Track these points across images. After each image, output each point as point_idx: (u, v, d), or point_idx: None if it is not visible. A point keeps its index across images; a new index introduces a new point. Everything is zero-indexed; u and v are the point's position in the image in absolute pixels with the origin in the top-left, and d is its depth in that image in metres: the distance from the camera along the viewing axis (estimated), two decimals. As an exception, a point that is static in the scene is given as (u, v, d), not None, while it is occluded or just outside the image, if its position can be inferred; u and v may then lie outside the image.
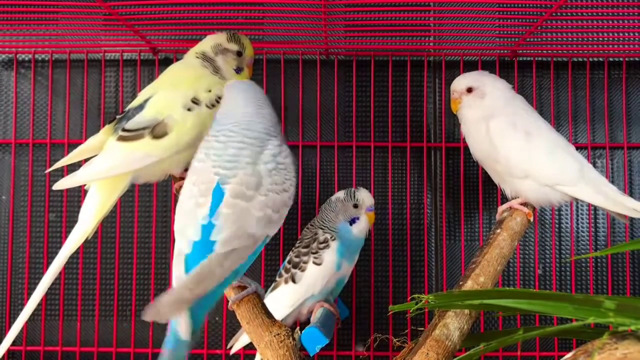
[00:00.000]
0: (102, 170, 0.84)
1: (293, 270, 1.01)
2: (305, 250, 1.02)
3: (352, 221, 1.03)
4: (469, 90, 1.00)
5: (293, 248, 1.05)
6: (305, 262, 1.01)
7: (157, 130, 0.84)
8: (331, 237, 1.01)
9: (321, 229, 1.04)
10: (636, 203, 0.93)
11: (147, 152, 0.84)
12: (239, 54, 0.96)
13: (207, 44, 0.96)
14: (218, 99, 0.88)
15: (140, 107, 0.86)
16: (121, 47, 1.21)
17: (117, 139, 0.85)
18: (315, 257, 1.00)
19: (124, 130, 0.85)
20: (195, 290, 0.67)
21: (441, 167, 1.21)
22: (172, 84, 0.89)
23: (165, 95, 0.87)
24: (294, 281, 1.00)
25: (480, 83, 1.00)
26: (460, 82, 1.02)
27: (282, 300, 1.00)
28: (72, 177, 0.85)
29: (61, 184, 0.85)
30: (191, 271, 0.69)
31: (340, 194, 1.05)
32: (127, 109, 0.90)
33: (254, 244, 0.73)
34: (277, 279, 1.03)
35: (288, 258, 1.04)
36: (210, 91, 0.89)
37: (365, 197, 1.04)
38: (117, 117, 0.89)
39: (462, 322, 0.79)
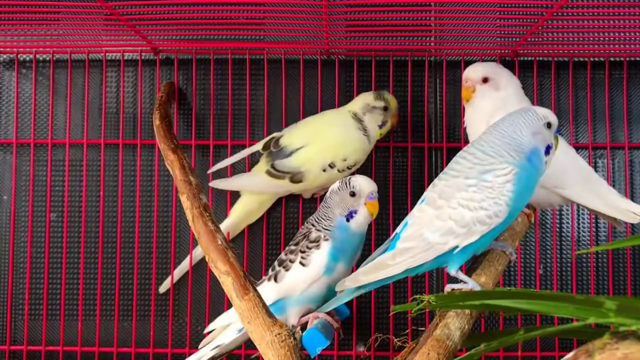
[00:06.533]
0: (246, 185, 1.14)
1: (278, 268, 0.96)
2: (294, 247, 0.96)
3: (350, 215, 0.94)
4: (485, 80, 0.99)
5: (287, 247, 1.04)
6: (292, 261, 0.94)
7: (295, 178, 1.09)
8: (324, 237, 0.93)
9: (313, 226, 0.96)
10: (636, 207, 0.93)
11: (284, 187, 1.11)
12: (385, 108, 1.11)
13: (357, 104, 1.12)
14: (349, 167, 1.10)
15: (291, 152, 1.09)
16: (122, 47, 1.21)
17: (265, 172, 1.10)
18: (302, 257, 0.93)
19: (273, 167, 1.09)
20: (367, 275, 0.81)
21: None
22: (322, 146, 1.09)
23: (311, 154, 1.08)
24: (275, 280, 0.95)
25: (497, 75, 0.99)
26: (477, 71, 0.99)
27: None
28: (226, 181, 1.14)
29: (215, 184, 1.13)
30: (373, 259, 0.84)
31: (335, 185, 0.96)
32: (282, 143, 1.11)
33: (430, 250, 0.80)
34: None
35: (280, 256, 0.99)
36: (345, 160, 1.08)
37: (363, 183, 0.94)
38: (272, 149, 1.11)
39: (463, 322, 0.79)
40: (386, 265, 0.81)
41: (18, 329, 1.21)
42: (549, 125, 0.82)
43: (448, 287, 0.84)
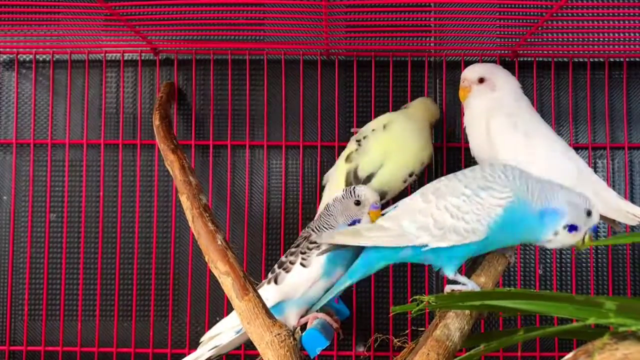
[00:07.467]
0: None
1: (278, 271, 0.95)
2: (295, 250, 0.95)
3: (353, 224, 0.93)
4: (481, 80, 0.99)
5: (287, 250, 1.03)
6: (292, 263, 0.93)
7: (380, 196, 1.00)
8: None
9: (314, 231, 0.96)
10: (635, 208, 0.92)
11: None
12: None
13: (434, 116, 1.14)
14: (423, 167, 1.09)
15: (370, 178, 1.05)
16: (122, 47, 1.21)
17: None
18: (303, 258, 0.93)
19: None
20: (344, 236, 0.84)
21: (442, 168, 1.21)
22: (400, 161, 1.06)
23: (391, 171, 1.05)
24: (275, 282, 0.94)
25: (493, 75, 1.00)
26: (473, 71, 1.00)
27: None
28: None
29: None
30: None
31: (339, 193, 0.96)
32: (361, 175, 1.05)
33: (401, 237, 0.81)
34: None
35: (280, 259, 0.99)
36: (423, 163, 1.08)
37: (368, 193, 0.94)
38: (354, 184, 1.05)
39: (463, 322, 0.79)
40: (360, 235, 0.84)
41: (18, 329, 1.21)
42: (589, 213, 0.80)
43: (448, 288, 0.84)
